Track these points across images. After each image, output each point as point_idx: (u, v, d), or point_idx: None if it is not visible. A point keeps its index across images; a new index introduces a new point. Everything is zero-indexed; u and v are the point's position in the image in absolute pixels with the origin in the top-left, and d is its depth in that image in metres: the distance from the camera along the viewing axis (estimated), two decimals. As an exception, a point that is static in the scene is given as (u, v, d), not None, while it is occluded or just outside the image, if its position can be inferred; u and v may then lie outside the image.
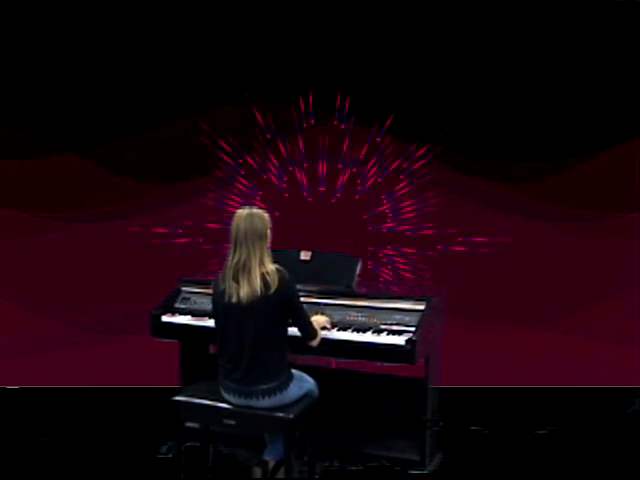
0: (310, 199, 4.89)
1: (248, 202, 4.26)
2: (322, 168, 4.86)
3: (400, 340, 3.43)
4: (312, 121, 4.78)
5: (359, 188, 4.86)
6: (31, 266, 4.94)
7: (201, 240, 4.85)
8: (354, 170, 4.84)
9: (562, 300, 4.79)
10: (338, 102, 4.74)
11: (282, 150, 4.87)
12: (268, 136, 4.84)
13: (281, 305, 3.16)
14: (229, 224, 3.21)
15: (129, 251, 4.90)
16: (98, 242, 4.93)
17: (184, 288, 4.03)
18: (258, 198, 4.83)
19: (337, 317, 3.66)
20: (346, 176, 4.86)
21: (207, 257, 4.74)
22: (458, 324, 4.53)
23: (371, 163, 4.83)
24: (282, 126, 4.81)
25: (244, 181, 4.91)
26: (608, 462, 3.83)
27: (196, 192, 4.93)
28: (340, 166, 4.85)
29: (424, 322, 3.53)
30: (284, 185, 4.89)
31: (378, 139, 4.76)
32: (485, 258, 4.79)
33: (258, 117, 4.80)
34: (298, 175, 4.90)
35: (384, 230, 4.86)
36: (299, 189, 4.90)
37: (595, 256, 4.76)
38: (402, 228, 4.85)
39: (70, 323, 4.94)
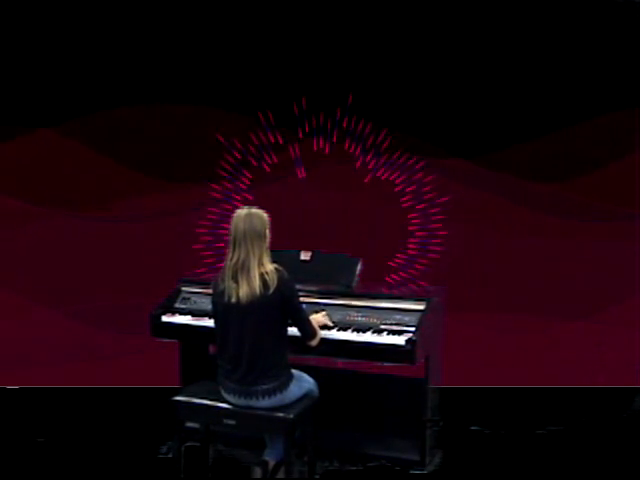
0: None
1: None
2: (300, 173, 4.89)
3: (400, 340, 3.43)
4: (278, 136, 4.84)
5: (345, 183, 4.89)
6: (25, 260, 4.93)
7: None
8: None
9: (562, 300, 4.78)
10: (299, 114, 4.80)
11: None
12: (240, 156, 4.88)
13: (280, 305, 3.16)
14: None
15: (128, 250, 4.90)
16: (98, 238, 4.93)
17: (184, 288, 4.02)
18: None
19: (337, 317, 3.66)
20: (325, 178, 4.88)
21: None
22: (458, 324, 4.53)
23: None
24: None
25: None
26: (608, 462, 3.83)
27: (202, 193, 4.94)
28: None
29: (424, 322, 3.53)
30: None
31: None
32: (485, 258, 4.80)
33: (222, 141, 4.85)
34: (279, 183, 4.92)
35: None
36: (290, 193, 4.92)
37: (596, 257, 4.76)
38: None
39: (69, 323, 4.93)
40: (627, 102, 4.70)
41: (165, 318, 3.85)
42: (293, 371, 3.30)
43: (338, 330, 3.57)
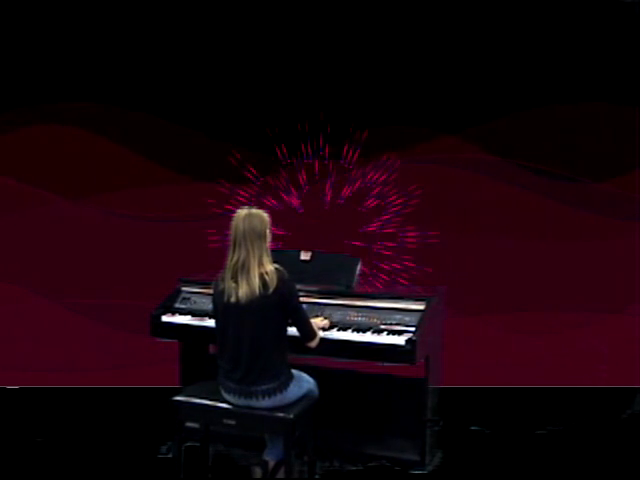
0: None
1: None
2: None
3: (400, 340, 3.43)
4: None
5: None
6: (23, 252, 4.93)
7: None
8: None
9: (562, 300, 4.78)
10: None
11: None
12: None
13: (280, 305, 3.15)
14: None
15: (127, 249, 4.90)
16: (101, 236, 4.92)
17: (184, 288, 4.03)
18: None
19: (337, 317, 3.66)
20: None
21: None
22: (458, 324, 4.53)
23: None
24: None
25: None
26: (608, 462, 3.82)
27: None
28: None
29: (424, 322, 3.53)
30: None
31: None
32: (484, 258, 4.80)
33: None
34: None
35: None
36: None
37: (594, 256, 4.76)
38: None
39: (68, 323, 4.93)
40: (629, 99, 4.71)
41: (165, 318, 3.85)
42: (293, 371, 3.30)
43: (338, 330, 3.57)
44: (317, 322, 3.52)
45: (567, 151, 4.75)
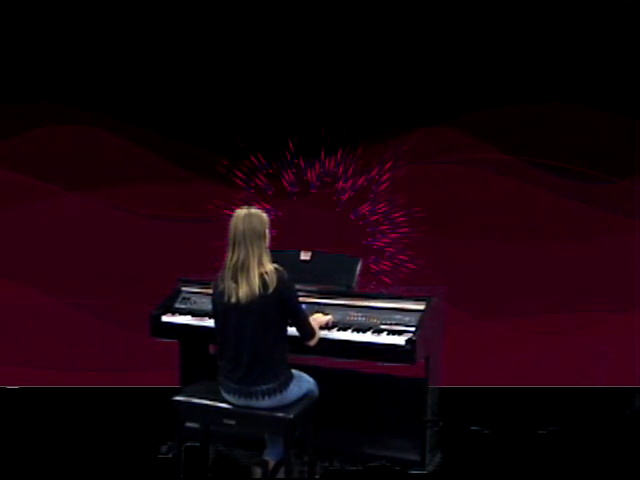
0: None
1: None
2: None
3: (400, 340, 3.43)
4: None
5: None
6: (22, 248, 4.93)
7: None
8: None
9: (562, 300, 4.78)
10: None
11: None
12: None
13: (279, 305, 3.16)
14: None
15: (127, 250, 4.90)
16: (100, 235, 4.92)
17: (184, 288, 4.03)
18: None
19: (337, 317, 3.66)
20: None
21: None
22: (458, 324, 4.53)
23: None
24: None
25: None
26: (608, 462, 3.82)
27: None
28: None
29: (424, 322, 3.53)
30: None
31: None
32: (484, 258, 4.80)
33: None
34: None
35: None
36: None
37: (593, 255, 4.76)
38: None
39: (68, 322, 4.93)
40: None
41: (165, 318, 3.85)
42: (293, 371, 3.30)
43: (338, 330, 3.57)
44: (320, 317, 3.53)
45: (571, 150, 4.76)
